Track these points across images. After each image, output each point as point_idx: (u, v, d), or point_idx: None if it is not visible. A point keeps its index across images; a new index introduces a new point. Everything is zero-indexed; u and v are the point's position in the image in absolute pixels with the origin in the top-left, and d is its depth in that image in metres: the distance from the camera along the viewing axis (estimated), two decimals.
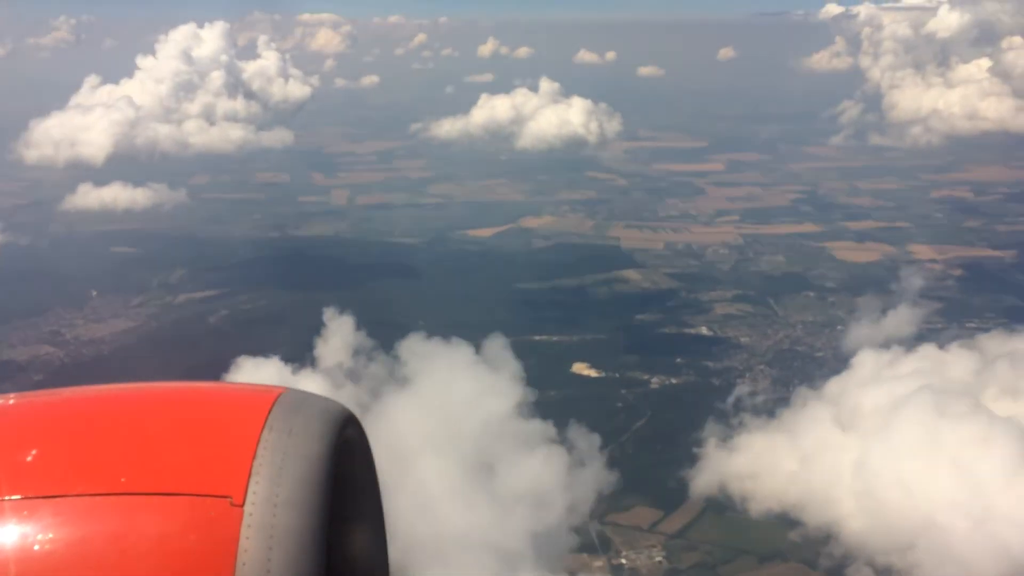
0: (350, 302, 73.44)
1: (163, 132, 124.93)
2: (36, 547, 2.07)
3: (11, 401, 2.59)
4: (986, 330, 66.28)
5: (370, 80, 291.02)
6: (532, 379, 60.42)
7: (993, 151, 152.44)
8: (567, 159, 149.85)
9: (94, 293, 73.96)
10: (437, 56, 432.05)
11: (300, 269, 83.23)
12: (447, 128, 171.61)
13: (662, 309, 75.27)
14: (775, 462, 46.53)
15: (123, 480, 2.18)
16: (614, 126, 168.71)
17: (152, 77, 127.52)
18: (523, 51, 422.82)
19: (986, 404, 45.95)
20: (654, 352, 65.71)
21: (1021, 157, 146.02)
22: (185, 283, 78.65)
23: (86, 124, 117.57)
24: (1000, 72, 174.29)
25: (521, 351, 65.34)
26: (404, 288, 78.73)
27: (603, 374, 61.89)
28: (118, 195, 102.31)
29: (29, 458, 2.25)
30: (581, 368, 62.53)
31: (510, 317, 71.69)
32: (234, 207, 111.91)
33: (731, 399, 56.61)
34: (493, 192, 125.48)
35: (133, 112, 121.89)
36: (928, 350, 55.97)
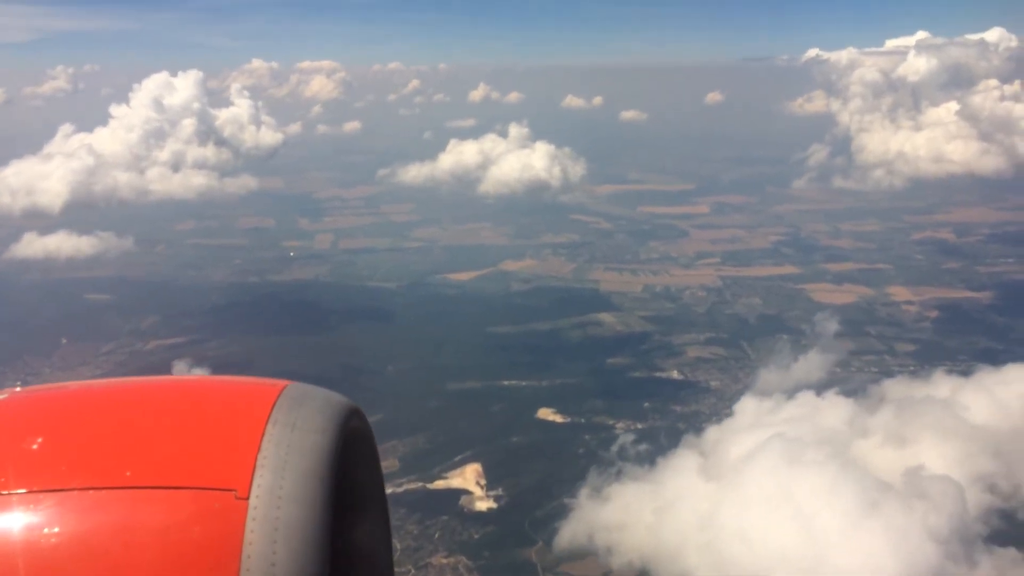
0: (320, 346, 73.76)
1: (123, 180, 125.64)
2: (42, 540, 2.09)
3: (17, 395, 2.61)
4: (960, 372, 66.23)
5: (352, 126, 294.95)
6: (496, 425, 60.30)
7: (976, 192, 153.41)
8: (553, 203, 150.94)
9: (64, 341, 73.72)
10: (429, 101, 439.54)
11: (275, 314, 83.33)
12: (413, 173, 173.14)
13: (634, 353, 74.87)
14: (640, 513, 45.74)
15: (128, 473, 2.20)
16: (578, 170, 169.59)
17: (123, 125, 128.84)
18: (514, 96, 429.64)
19: (858, 451, 45.65)
20: (623, 396, 65.16)
21: (1004, 199, 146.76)
22: (157, 329, 78.45)
23: (45, 172, 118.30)
24: (968, 115, 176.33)
25: (489, 396, 65.37)
26: (376, 332, 78.54)
27: (568, 419, 61.30)
28: (63, 243, 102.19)
29: (35, 452, 2.28)
30: (546, 414, 61.98)
31: (480, 361, 71.59)
32: (216, 252, 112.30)
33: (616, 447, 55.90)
34: (477, 236, 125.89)
35: (93, 160, 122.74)
36: (808, 397, 55.74)
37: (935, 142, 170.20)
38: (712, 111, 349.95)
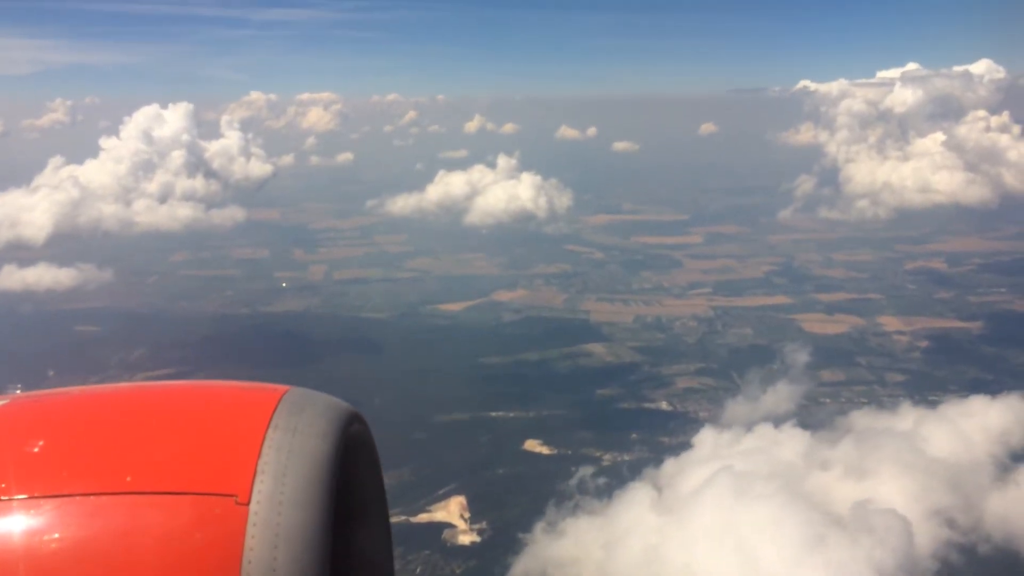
0: (307, 378, 73.35)
1: (108, 211, 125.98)
2: (43, 546, 2.09)
3: (18, 400, 2.61)
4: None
5: (345, 157, 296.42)
6: (482, 457, 59.90)
7: (969, 222, 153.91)
8: (547, 233, 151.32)
9: (51, 373, 73.41)
10: (424, 132, 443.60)
11: (264, 345, 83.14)
12: (401, 204, 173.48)
13: (623, 383, 74.66)
14: (591, 548, 45.34)
15: (128, 479, 2.19)
16: (565, 200, 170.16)
17: (112, 157, 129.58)
18: (509, 127, 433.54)
19: (816, 484, 45.30)
20: (611, 428, 64.85)
21: (997, 228, 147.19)
22: (145, 361, 78.21)
23: (30, 205, 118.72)
24: (954, 146, 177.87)
25: (476, 428, 65.04)
26: (365, 363, 78.27)
27: (555, 451, 60.94)
28: (43, 275, 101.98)
29: (36, 457, 2.27)
30: (533, 445, 61.64)
31: (469, 393, 71.28)
32: (208, 284, 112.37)
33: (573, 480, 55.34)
34: (470, 266, 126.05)
35: (78, 192, 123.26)
36: (765, 429, 55.49)
37: (922, 172, 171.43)
38: (706, 142, 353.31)
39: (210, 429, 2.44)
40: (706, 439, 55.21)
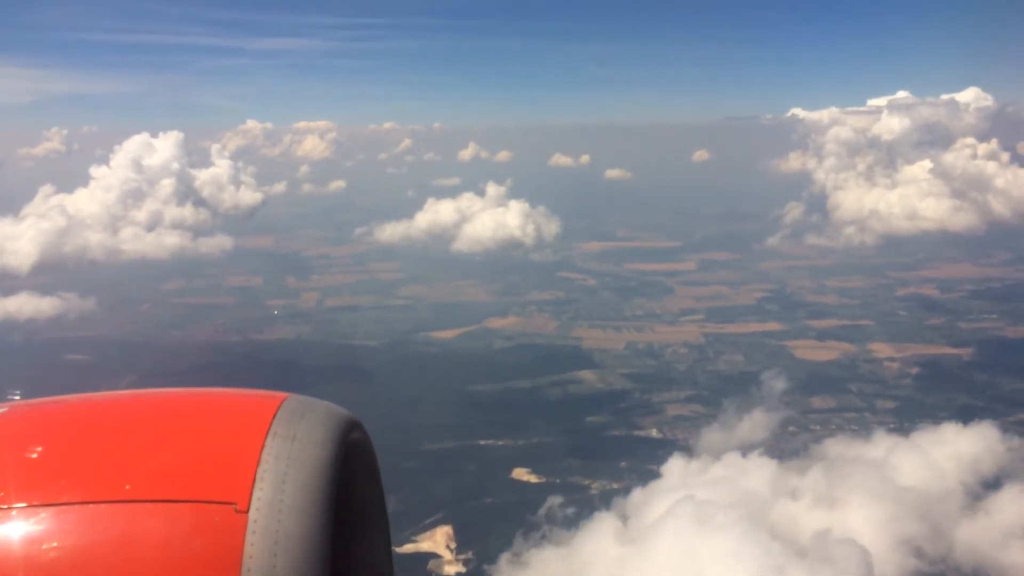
0: None
1: (94, 240, 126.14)
2: (42, 555, 2.09)
3: (16, 408, 2.60)
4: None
5: (337, 185, 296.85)
6: (470, 486, 59.55)
7: (961, 248, 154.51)
8: (540, 260, 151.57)
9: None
10: (419, 160, 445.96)
11: (254, 373, 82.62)
12: (389, 232, 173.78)
13: (614, 411, 74.49)
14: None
15: (128, 487, 2.19)
16: (552, 228, 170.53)
17: (102, 186, 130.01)
18: (503, 155, 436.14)
19: (784, 513, 45.00)
20: (600, 456, 64.59)
21: (989, 255, 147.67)
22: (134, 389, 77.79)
23: (16, 233, 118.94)
24: (940, 173, 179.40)
25: (464, 456, 64.71)
26: (354, 391, 77.77)
27: (543, 479, 60.64)
28: (24, 304, 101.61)
29: (34, 465, 2.27)
30: (521, 474, 61.35)
31: (458, 421, 71.04)
32: (200, 312, 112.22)
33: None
34: (463, 293, 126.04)
35: (65, 221, 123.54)
36: (733, 458, 55.33)
37: (909, 199, 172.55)
38: (699, 169, 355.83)
39: (209, 436, 2.44)
40: (675, 468, 54.92)
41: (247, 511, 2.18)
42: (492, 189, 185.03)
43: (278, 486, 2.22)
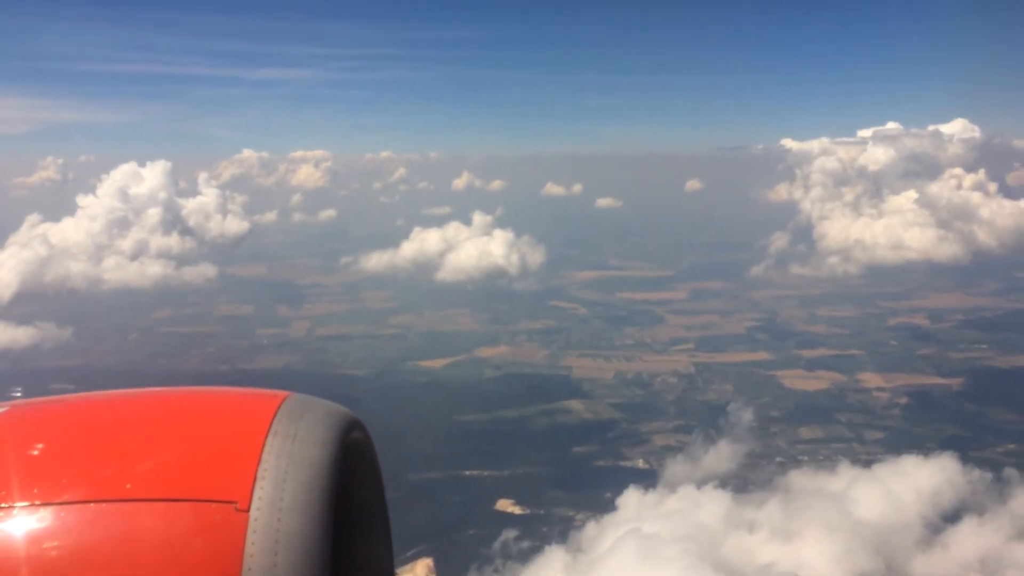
0: None
1: (76, 269, 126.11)
2: (43, 554, 2.09)
3: (17, 407, 2.58)
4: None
5: (327, 214, 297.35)
6: (453, 517, 58.98)
7: (952, 278, 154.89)
8: (532, 289, 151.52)
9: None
10: (413, 189, 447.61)
11: None
12: (375, 261, 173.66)
13: (601, 441, 74.12)
14: None
15: (128, 486, 2.19)
16: (537, 257, 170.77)
17: (88, 215, 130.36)
18: (497, 184, 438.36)
19: (739, 546, 44.57)
20: (586, 486, 64.16)
21: (980, 284, 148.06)
22: None
23: None
24: (925, 203, 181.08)
25: (449, 487, 64.19)
26: None
27: (527, 511, 60.12)
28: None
29: (35, 464, 2.26)
30: (506, 505, 60.83)
31: (443, 451, 70.61)
32: (189, 340, 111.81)
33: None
34: (454, 322, 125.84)
35: (47, 250, 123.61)
36: (688, 491, 55.06)
37: (894, 229, 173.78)
38: (692, 198, 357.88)
39: (210, 435, 2.43)
40: (630, 500, 54.58)
41: (248, 510, 2.17)
42: (478, 218, 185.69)
43: (279, 485, 2.22)
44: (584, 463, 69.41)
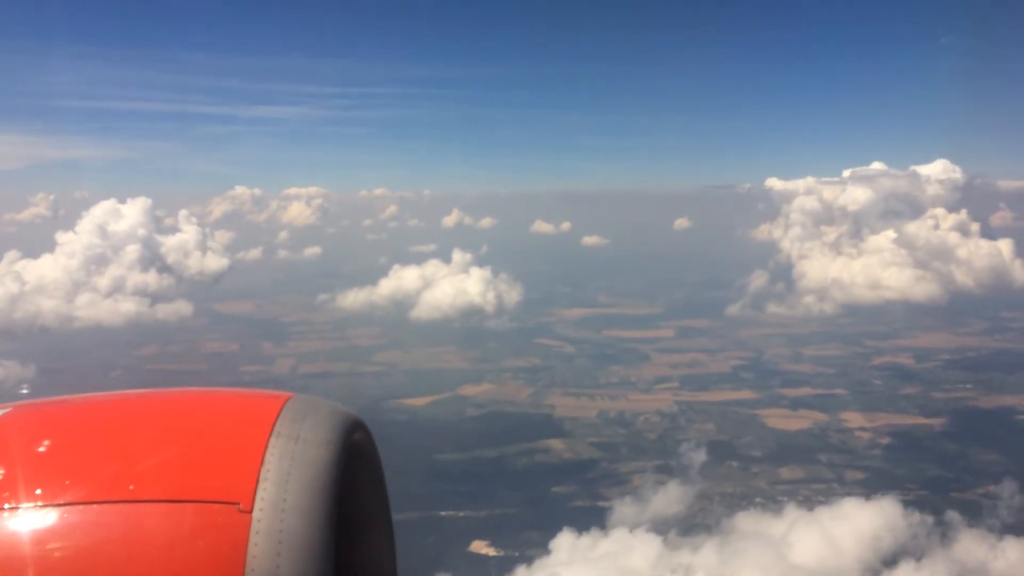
0: None
1: (47, 306, 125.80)
2: (46, 555, 2.09)
3: (20, 408, 2.58)
4: (908, 502, 65.54)
5: (312, 251, 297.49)
6: (425, 559, 58.17)
7: (940, 317, 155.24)
8: (519, 327, 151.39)
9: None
10: (403, 226, 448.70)
11: None
12: (351, 299, 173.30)
13: (580, 481, 73.52)
14: None
15: (131, 487, 2.19)
16: (514, 296, 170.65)
17: (66, 252, 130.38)
18: (487, 221, 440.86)
19: None
20: (561, 528, 63.23)
21: (966, 324, 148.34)
22: None
23: None
24: (904, 243, 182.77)
25: (423, 528, 63.40)
26: None
27: (501, 552, 59.42)
28: None
29: (37, 465, 2.26)
30: (480, 546, 60.19)
31: (420, 491, 69.73)
32: (173, 378, 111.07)
33: None
34: (439, 360, 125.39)
35: (18, 287, 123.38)
36: (621, 533, 54.67)
37: (872, 269, 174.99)
38: (681, 236, 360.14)
39: (213, 436, 2.42)
40: (563, 543, 54.10)
41: (251, 511, 2.16)
42: (458, 256, 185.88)
43: (281, 486, 2.21)
44: (562, 503, 68.80)
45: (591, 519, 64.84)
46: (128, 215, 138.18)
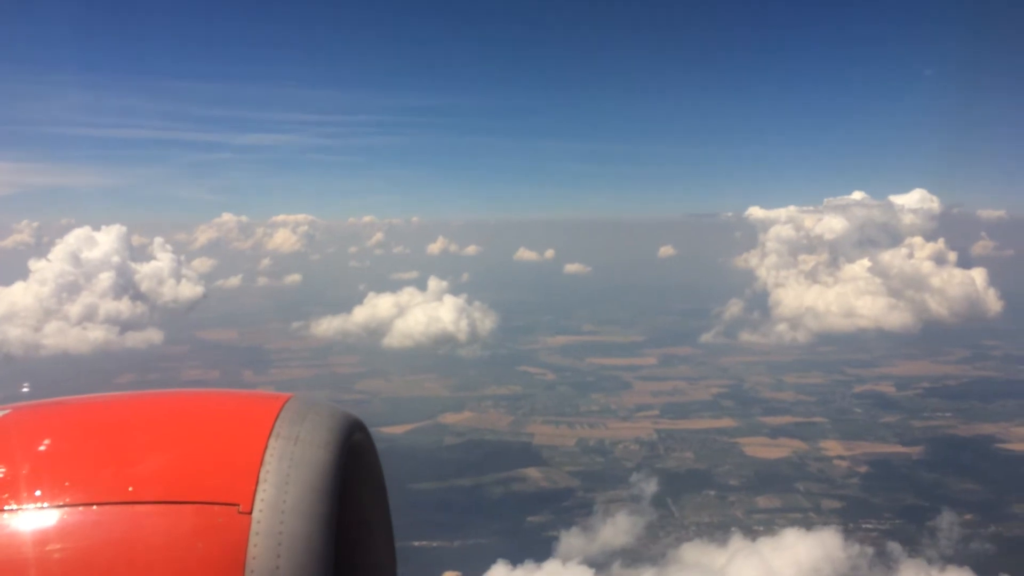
0: None
1: (13, 335, 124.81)
2: (44, 556, 2.09)
3: (19, 409, 2.56)
4: (884, 531, 65.47)
5: (292, 279, 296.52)
6: None
7: (921, 346, 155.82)
8: (501, 354, 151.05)
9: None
10: (388, 254, 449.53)
11: None
12: (325, 326, 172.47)
13: (555, 510, 72.92)
14: None
15: (131, 488, 2.19)
16: (488, 324, 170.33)
17: (38, 279, 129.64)
18: (472, 249, 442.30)
19: None
20: (535, 558, 62.54)
21: (948, 352, 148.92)
22: None
23: None
24: (880, 272, 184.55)
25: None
26: None
27: None
28: None
29: (38, 466, 2.26)
30: None
31: (394, 521, 68.69)
32: None
33: None
34: (420, 387, 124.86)
35: None
36: (554, 565, 54.34)
37: (846, 297, 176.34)
38: (665, 264, 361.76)
39: (212, 438, 2.41)
40: (498, 574, 53.65)
41: (250, 512, 2.16)
42: (433, 283, 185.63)
43: (281, 487, 2.21)
44: (536, 533, 68.20)
45: (567, 549, 64.41)
46: (102, 243, 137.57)
